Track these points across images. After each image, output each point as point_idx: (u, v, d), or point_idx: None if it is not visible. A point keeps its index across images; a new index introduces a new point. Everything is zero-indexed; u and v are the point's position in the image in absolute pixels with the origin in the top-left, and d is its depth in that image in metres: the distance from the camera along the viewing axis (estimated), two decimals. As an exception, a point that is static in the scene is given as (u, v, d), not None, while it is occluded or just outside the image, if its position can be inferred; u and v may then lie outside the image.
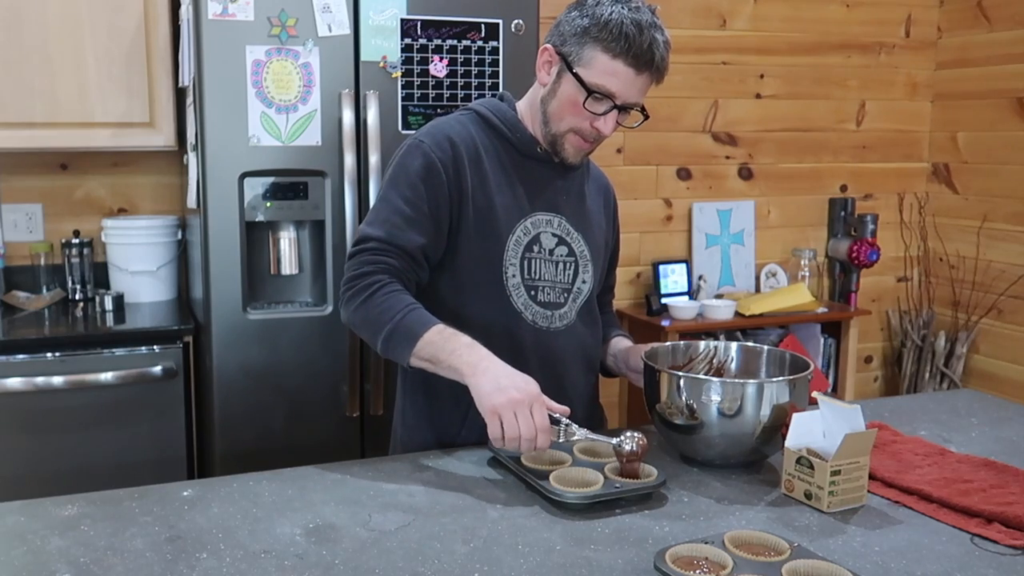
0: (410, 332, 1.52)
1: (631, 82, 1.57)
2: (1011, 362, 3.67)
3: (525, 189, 1.68)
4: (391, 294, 1.56)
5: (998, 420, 1.85)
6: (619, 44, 1.53)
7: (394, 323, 1.53)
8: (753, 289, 3.71)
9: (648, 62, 1.55)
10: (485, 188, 1.65)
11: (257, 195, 2.43)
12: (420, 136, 1.66)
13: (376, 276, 1.57)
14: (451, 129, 1.66)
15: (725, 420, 1.49)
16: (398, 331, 1.53)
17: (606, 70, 1.55)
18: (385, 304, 1.54)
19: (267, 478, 1.49)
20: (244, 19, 2.32)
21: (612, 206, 1.88)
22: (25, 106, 2.62)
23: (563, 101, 1.61)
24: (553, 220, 1.71)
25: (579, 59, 1.57)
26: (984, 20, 3.69)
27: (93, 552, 1.22)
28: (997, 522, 1.33)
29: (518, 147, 1.69)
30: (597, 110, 1.59)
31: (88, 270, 2.91)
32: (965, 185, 3.83)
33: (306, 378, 2.48)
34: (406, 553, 1.23)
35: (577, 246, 1.74)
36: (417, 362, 1.53)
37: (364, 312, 1.56)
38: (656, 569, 1.14)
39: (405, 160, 1.64)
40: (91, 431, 2.47)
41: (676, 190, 3.60)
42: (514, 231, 1.66)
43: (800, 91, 3.72)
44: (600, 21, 1.54)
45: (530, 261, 1.68)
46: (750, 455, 1.54)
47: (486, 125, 1.69)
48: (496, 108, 1.71)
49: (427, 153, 1.62)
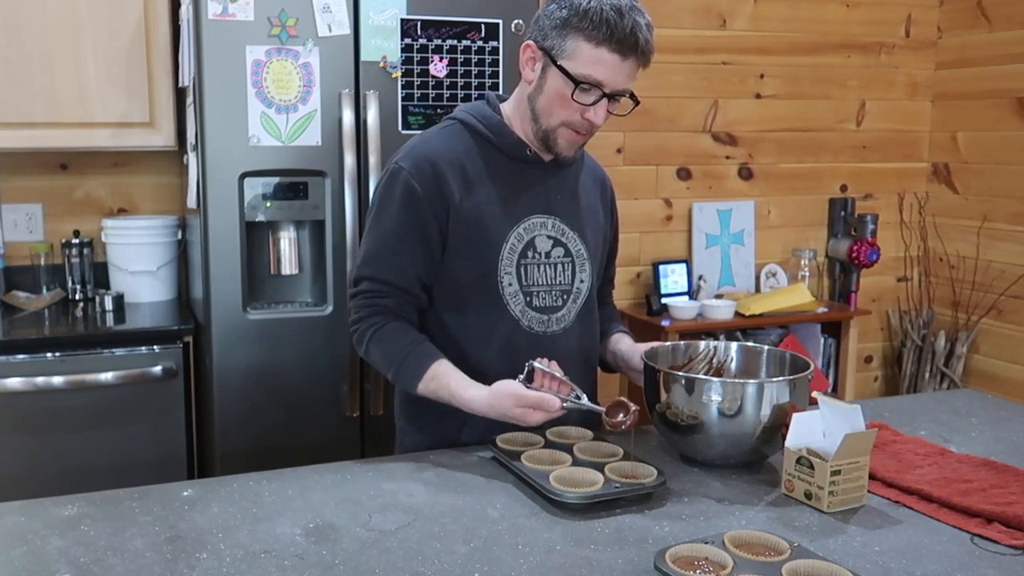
0: (407, 382, 1.65)
1: (617, 68, 1.55)
2: (1011, 362, 3.67)
3: (517, 194, 1.67)
4: (386, 338, 1.66)
5: (998, 420, 1.85)
6: (601, 31, 1.52)
7: (393, 372, 1.66)
8: (753, 289, 3.71)
9: (632, 46, 1.54)
10: (474, 201, 1.64)
11: (257, 195, 2.43)
12: (400, 160, 1.66)
13: (372, 320, 1.67)
14: (432, 148, 1.65)
15: (725, 420, 1.49)
16: (399, 379, 1.67)
17: (591, 59, 1.54)
18: (384, 352, 1.67)
19: (267, 478, 1.49)
20: (244, 19, 2.32)
21: (609, 197, 1.87)
22: (25, 106, 2.62)
23: (551, 96, 1.60)
24: (547, 222, 1.70)
25: (562, 51, 1.56)
26: (984, 20, 3.69)
27: (93, 552, 1.22)
28: (997, 522, 1.33)
29: (506, 152, 1.68)
30: (586, 101, 1.58)
31: (88, 270, 2.91)
32: (965, 185, 3.83)
33: (306, 378, 2.48)
34: (406, 553, 1.23)
35: (573, 245, 1.73)
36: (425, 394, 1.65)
37: (372, 357, 1.70)
38: (656, 569, 1.14)
39: (386, 189, 1.66)
40: (91, 431, 2.47)
41: (676, 190, 3.60)
42: (507, 239, 1.66)
43: (800, 91, 3.72)
44: (579, 11, 1.53)
45: (526, 267, 1.67)
46: (750, 455, 1.54)
47: (472, 133, 1.68)
48: (481, 114, 1.69)
49: (406, 180, 1.63)
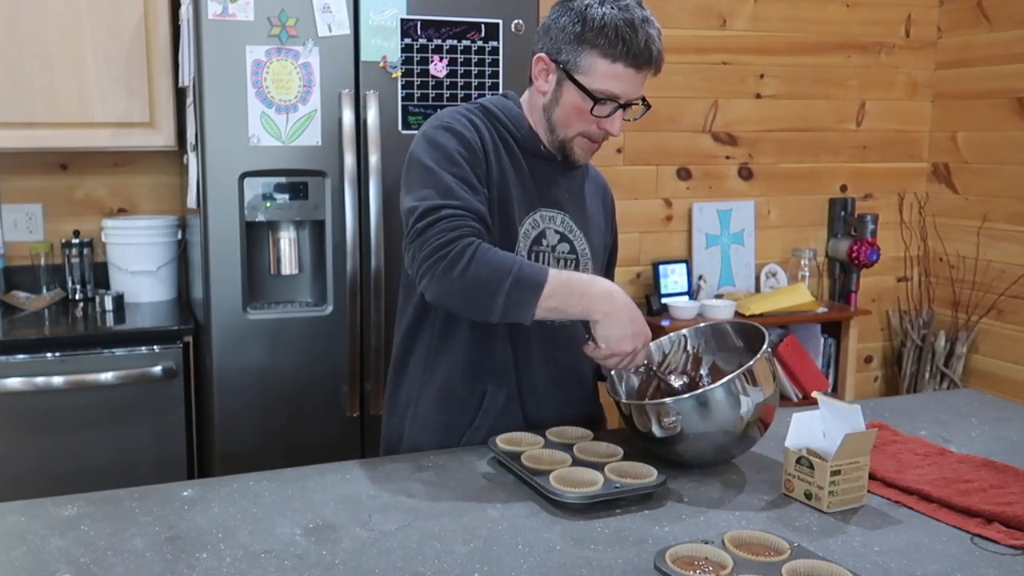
0: (532, 284, 1.48)
1: (632, 81, 1.58)
2: (1011, 362, 3.67)
3: (531, 184, 1.69)
4: (490, 252, 1.49)
5: (998, 420, 1.85)
6: (617, 48, 1.54)
7: (512, 280, 1.47)
8: (753, 289, 3.71)
9: (647, 60, 1.57)
10: (500, 178, 1.64)
11: (257, 195, 2.43)
12: (443, 119, 1.62)
13: (467, 239, 1.49)
14: (468, 119, 1.64)
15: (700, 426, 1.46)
16: (518, 287, 1.47)
17: (608, 74, 1.56)
18: (492, 264, 1.48)
19: (267, 478, 1.49)
20: (244, 19, 2.32)
21: (610, 207, 1.89)
22: (25, 106, 2.62)
23: (568, 109, 1.61)
24: (556, 217, 1.71)
25: (577, 67, 1.57)
26: (984, 20, 3.69)
27: (93, 552, 1.22)
28: (997, 522, 1.33)
29: (523, 144, 1.69)
30: (603, 113, 1.60)
31: (88, 270, 2.91)
32: (965, 185, 3.83)
33: (306, 378, 2.48)
34: (406, 553, 1.23)
35: (579, 244, 1.74)
36: (541, 313, 1.50)
37: (471, 277, 1.47)
38: (656, 569, 1.14)
39: (437, 139, 1.58)
40: (91, 431, 2.47)
41: (676, 190, 3.60)
42: (523, 223, 1.67)
43: (800, 91, 3.72)
44: (593, 26, 1.54)
45: (537, 255, 1.68)
46: (738, 447, 1.53)
47: (493, 119, 1.68)
48: (502, 104, 1.70)
49: (460, 132, 1.59)
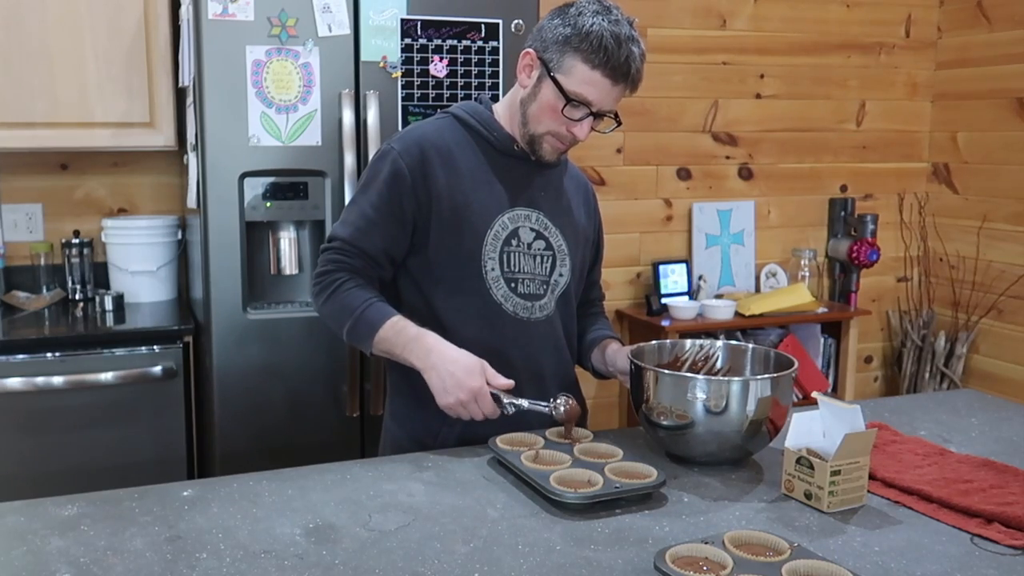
0: (368, 327, 1.66)
1: (607, 92, 1.64)
2: (1011, 362, 3.67)
3: (504, 186, 1.75)
4: (350, 291, 1.68)
5: (998, 420, 1.85)
6: (598, 56, 1.60)
7: (353, 319, 1.66)
8: (753, 289, 3.71)
9: (624, 74, 1.63)
10: (460, 186, 1.71)
11: (257, 195, 2.43)
12: (392, 142, 1.74)
13: (337, 274, 1.70)
14: (423, 134, 1.74)
15: (711, 418, 1.49)
16: (357, 326, 1.67)
17: (585, 79, 1.62)
18: (345, 300, 1.68)
19: (267, 478, 1.49)
20: (244, 19, 2.32)
21: (592, 202, 1.94)
22: (25, 106, 2.62)
23: (542, 105, 1.68)
24: (531, 215, 1.77)
25: (559, 67, 1.64)
26: (984, 20, 3.69)
27: (93, 552, 1.22)
28: (997, 522, 1.33)
29: (496, 145, 1.76)
30: (574, 116, 1.67)
31: (88, 270, 2.91)
32: (965, 185, 3.83)
33: (306, 378, 2.48)
34: (406, 553, 1.23)
35: (555, 240, 1.79)
36: (378, 352, 1.68)
37: (329, 307, 1.70)
38: (656, 569, 1.14)
39: (376, 166, 1.73)
40: (91, 431, 2.47)
41: (676, 190, 3.60)
42: (492, 226, 1.73)
43: (800, 91, 3.72)
44: (581, 32, 1.61)
45: (509, 254, 1.74)
46: (737, 452, 1.54)
47: (463, 126, 1.76)
48: (472, 110, 1.78)
49: (395, 160, 1.70)
